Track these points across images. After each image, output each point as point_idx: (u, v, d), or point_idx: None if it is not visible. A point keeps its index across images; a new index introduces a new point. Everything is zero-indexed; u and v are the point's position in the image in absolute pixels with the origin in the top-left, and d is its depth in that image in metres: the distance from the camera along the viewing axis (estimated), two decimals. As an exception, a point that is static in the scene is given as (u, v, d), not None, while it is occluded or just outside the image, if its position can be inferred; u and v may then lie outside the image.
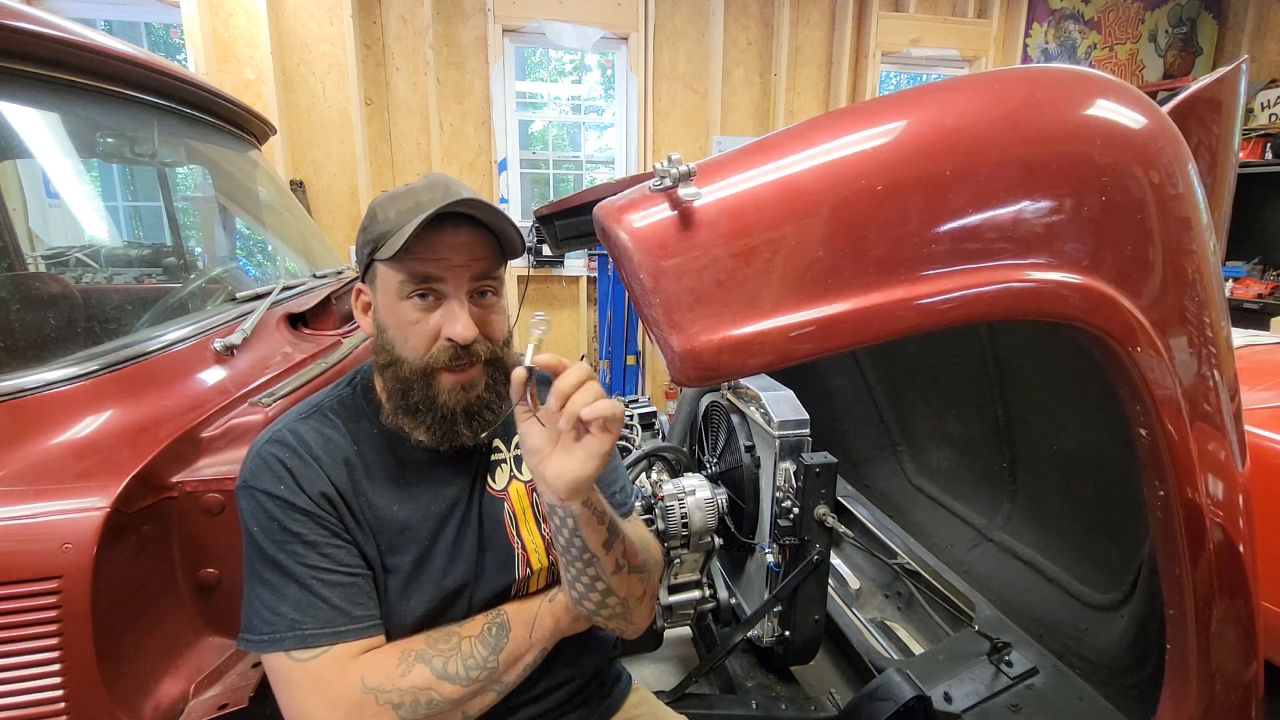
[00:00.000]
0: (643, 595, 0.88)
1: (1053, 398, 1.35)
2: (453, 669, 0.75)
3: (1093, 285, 0.63)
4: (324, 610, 0.73)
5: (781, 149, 0.61)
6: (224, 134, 1.60)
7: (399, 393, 0.80)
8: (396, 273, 0.78)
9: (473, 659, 0.77)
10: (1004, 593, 1.45)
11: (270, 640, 0.72)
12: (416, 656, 0.75)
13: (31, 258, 1.82)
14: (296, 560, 0.74)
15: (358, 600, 0.76)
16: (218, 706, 0.88)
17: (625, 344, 4.16)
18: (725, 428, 1.54)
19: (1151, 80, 4.78)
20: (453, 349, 0.78)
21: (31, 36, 0.97)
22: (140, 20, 3.73)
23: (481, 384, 0.81)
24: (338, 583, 0.75)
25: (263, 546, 0.75)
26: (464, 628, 0.80)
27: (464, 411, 0.80)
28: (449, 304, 0.78)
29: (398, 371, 0.80)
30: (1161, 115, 0.67)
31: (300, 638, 0.72)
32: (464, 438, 0.82)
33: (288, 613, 0.73)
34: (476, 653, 0.77)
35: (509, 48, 3.90)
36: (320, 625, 0.73)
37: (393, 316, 0.80)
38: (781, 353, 0.58)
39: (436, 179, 0.80)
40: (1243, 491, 0.77)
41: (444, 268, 0.77)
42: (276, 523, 0.75)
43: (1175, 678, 0.82)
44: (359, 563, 0.78)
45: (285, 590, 0.73)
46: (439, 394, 0.79)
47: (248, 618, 0.75)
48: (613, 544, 0.80)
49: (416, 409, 0.80)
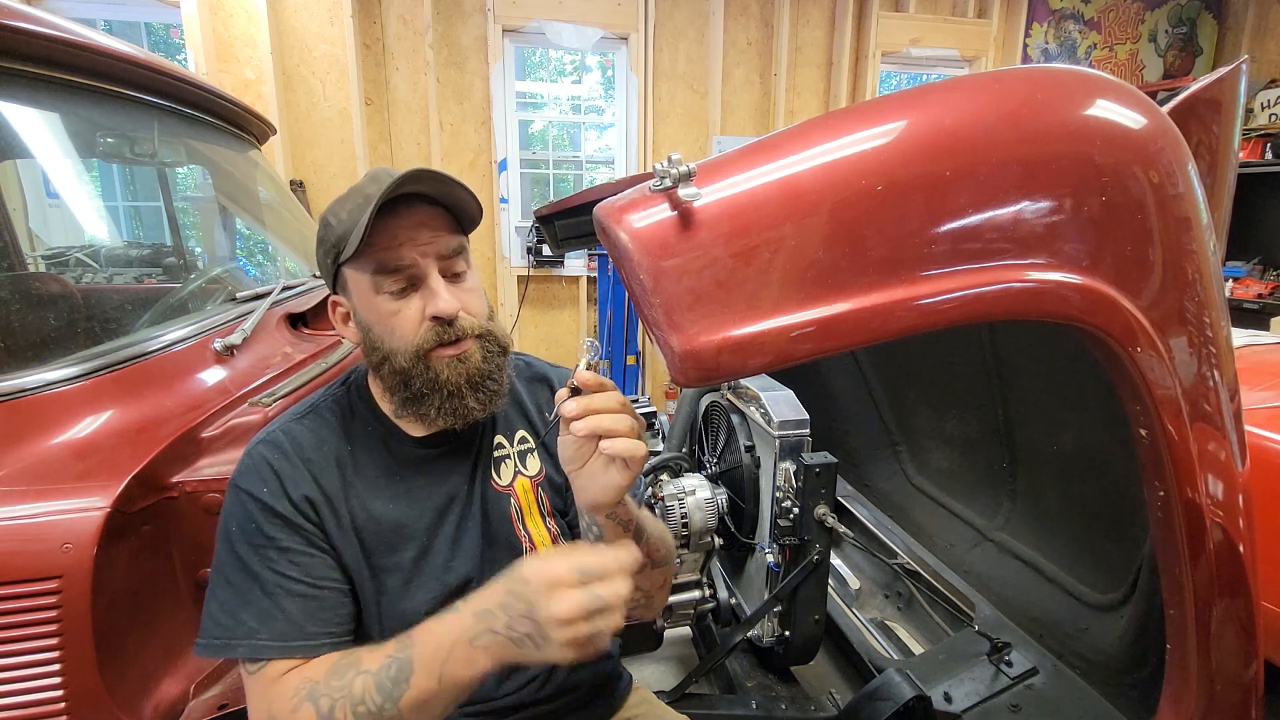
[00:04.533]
0: (664, 583, 0.89)
1: (1053, 398, 1.35)
2: (341, 716, 0.64)
3: (1093, 285, 0.63)
4: (279, 622, 0.72)
5: (781, 149, 0.61)
6: (224, 134, 1.60)
7: (400, 385, 0.80)
8: (364, 270, 0.77)
9: (364, 706, 0.64)
10: (1004, 593, 1.45)
11: (221, 645, 0.71)
12: (308, 694, 0.67)
13: (31, 258, 1.82)
14: (266, 565, 0.73)
15: (318, 616, 0.74)
16: (218, 706, 0.88)
17: (625, 344, 4.16)
18: (725, 428, 1.54)
19: (1151, 80, 4.77)
20: (440, 327, 0.78)
21: (31, 36, 0.97)
22: (140, 20, 3.73)
23: (478, 355, 0.81)
24: (301, 594, 0.74)
25: (235, 547, 0.74)
26: (366, 658, 0.68)
27: (468, 384, 0.80)
28: (425, 285, 0.78)
29: (393, 365, 0.79)
30: (1161, 115, 0.67)
31: (253, 647, 0.71)
32: (474, 411, 0.81)
33: (247, 620, 0.71)
34: (369, 699, 0.65)
35: (509, 48, 3.90)
36: (273, 637, 0.71)
37: (373, 314, 0.79)
38: (781, 353, 0.58)
39: (378, 172, 0.80)
40: (1243, 491, 0.77)
41: (409, 251, 0.76)
42: (254, 524, 0.74)
43: (1175, 678, 0.82)
44: (331, 575, 0.77)
45: (249, 595, 0.72)
46: (439, 372, 0.79)
47: (207, 618, 0.73)
48: (638, 546, 0.80)
49: (421, 395, 0.79)
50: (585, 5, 3.84)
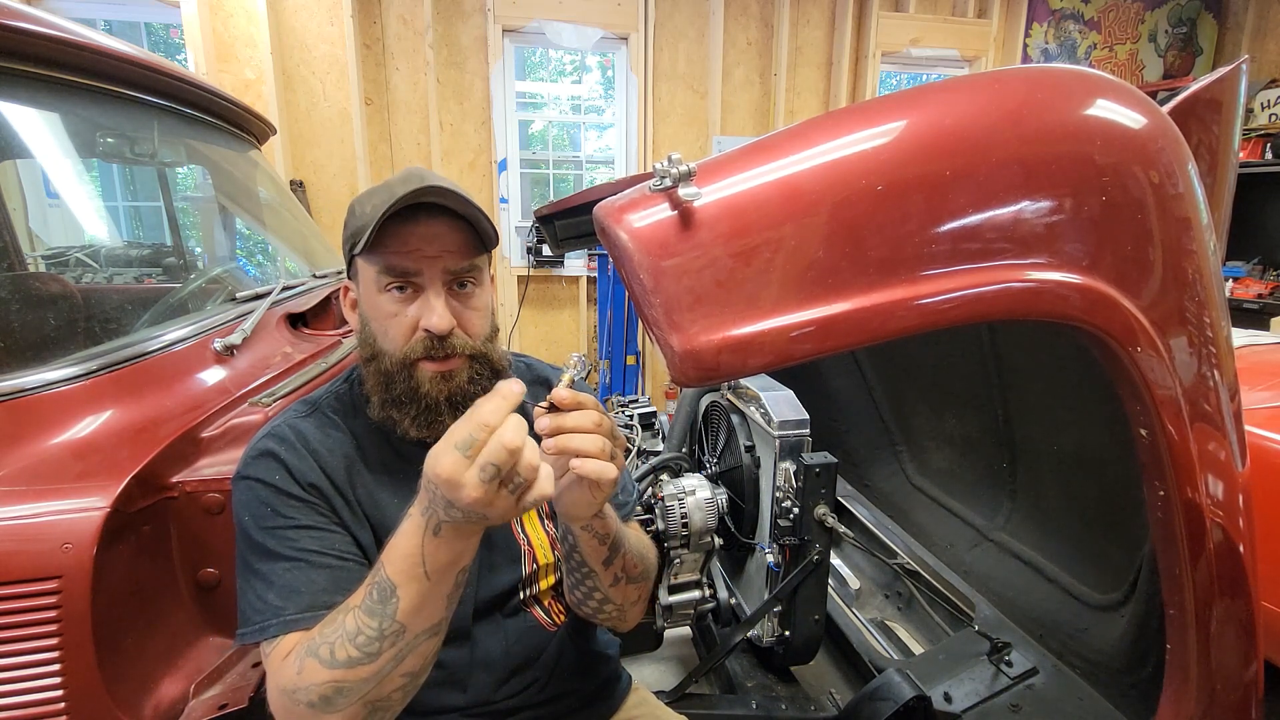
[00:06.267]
0: (638, 599, 0.88)
1: (1053, 398, 1.35)
2: (343, 654, 0.65)
3: (1093, 285, 0.63)
4: (304, 595, 0.72)
5: (781, 149, 0.61)
6: (224, 134, 1.60)
7: (383, 385, 0.80)
8: (373, 266, 0.78)
9: (363, 635, 0.65)
10: (1004, 593, 1.45)
11: (259, 628, 0.71)
12: (307, 650, 0.67)
13: (31, 258, 1.82)
14: (285, 543, 0.74)
15: (344, 585, 0.73)
16: (218, 706, 0.88)
17: (625, 344, 4.16)
18: (725, 428, 1.53)
19: (1151, 80, 4.77)
20: (430, 340, 0.78)
21: (31, 36, 0.97)
22: (140, 20, 3.73)
23: (464, 375, 0.80)
24: (325, 565, 0.74)
25: (253, 535, 0.74)
26: (350, 600, 0.68)
27: (447, 401, 0.79)
28: (425, 295, 0.78)
29: (380, 364, 0.80)
30: (1161, 115, 0.67)
31: (283, 623, 0.71)
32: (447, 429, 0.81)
33: (273, 600, 0.72)
34: (364, 626, 0.65)
35: (509, 48, 3.90)
36: (299, 610, 0.71)
37: (373, 309, 0.80)
38: (781, 353, 0.58)
39: (412, 171, 0.80)
40: (1243, 491, 0.77)
41: (417, 259, 0.77)
42: (269, 508, 0.75)
43: (1175, 678, 0.82)
44: (351, 550, 0.78)
45: (273, 576, 0.73)
46: (420, 384, 0.79)
47: (242, 610, 0.74)
48: (613, 561, 0.80)
49: (400, 401, 0.79)
50: (585, 5, 3.84)
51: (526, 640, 0.89)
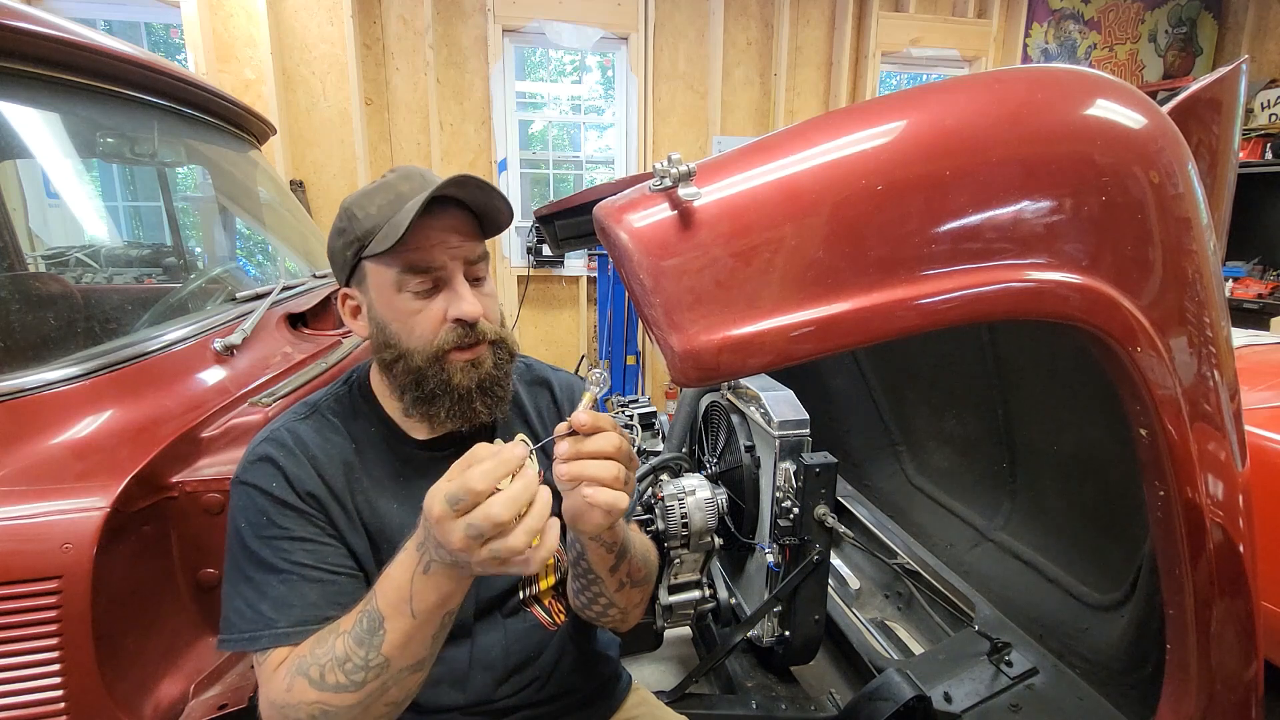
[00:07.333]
0: (640, 601, 0.89)
1: (1053, 398, 1.35)
2: (331, 679, 0.66)
3: (1093, 285, 0.63)
4: (297, 609, 0.72)
5: (781, 149, 0.61)
6: (224, 134, 1.60)
7: (412, 384, 0.80)
8: (391, 267, 0.77)
9: (351, 663, 0.65)
10: (1004, 593, 1.45)
11: (249, 638, 0.71)
12: (297, 668, 0.68)
13: (31, 258, 1.82)
14: (280, 555, 0.74)
15: (336, 600, 0.74)
16: (218, 706, 0.88)
17: (625, 344, 4.16)
18: (725, 428, 1.53)
19: (1151, 80, 4.77)
20: (461, 329, 0.78)
21: (31, 36, 0.97)
22: (140, 20, 3.73)
23: (489, 361, 0.81)
24: (318, 579, 0.74)
25: (248, 542, 0.74)
26: (343, 622, 0.69)
27: (478, 388, 0.80)
28: (450, 288, 0.78)
29: (408, 364, 0.79)
30: (1161, 115, 0.67)
31: (274, 636, 0.71)
32: (481, 415, 0.81)
33: (266, 611, 0.72)
34: (354, 655, 0.66)
35: (509, 48, 3.90)
36: (291, 624, 0.72)
37: (392, 311, 0.79)
38: (781, 353, 0.58)
39: (410, 170, 0.80)
40: (1243, 491, 0.77)
41: (440, 253, 0.77)
42: (265, 517, 0.75)
43: (1175, 678, 0.82)
44: (346, 563, 0.78)
45: (266, 587, 0.73)
46: (452, 375, 0.79)
47: (227, 616, 0.74)
48: (619, 567, 0.81)
49: (433, 396, 0.79)
50: (585, 5, 3.84)
51: (527, 639, 0.89)
